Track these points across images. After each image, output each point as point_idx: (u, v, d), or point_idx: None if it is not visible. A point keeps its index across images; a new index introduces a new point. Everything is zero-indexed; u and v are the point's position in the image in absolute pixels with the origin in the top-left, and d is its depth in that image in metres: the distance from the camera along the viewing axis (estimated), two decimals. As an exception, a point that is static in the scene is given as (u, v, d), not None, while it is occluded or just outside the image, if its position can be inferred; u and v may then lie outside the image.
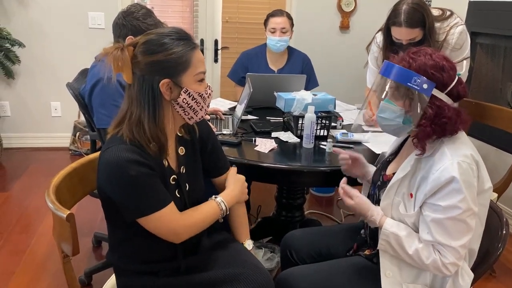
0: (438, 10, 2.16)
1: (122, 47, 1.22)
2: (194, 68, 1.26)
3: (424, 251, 1.29)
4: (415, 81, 1.27)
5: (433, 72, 1.27)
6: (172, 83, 1.24)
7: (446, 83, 1.28)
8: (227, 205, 1.42)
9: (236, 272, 1.35)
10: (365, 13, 4.23)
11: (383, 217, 1.38)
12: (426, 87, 1.27)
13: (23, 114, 3.99)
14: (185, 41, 1.25)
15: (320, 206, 3.16)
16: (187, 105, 1.28)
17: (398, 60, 1.33)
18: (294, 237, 1.71)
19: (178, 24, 4.04)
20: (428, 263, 1.28)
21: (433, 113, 1.28)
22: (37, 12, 3.77)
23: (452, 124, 1.29)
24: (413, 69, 1.28)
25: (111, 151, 1.22)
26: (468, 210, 1.24)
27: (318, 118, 2.05)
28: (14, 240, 2.58)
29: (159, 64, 1.22)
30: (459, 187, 1.23)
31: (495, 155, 3.01)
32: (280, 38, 2.77)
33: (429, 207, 1.29)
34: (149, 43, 1.23)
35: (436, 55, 1.31)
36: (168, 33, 1.25)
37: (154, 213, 1.24)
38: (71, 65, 3.30)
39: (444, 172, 1.25)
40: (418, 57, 1.30)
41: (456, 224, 1.25)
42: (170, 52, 1.22)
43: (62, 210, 1.20)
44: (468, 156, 1.27)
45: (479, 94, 3.27)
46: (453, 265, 1.27)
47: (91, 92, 1.98)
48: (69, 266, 1.30)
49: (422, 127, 1.29)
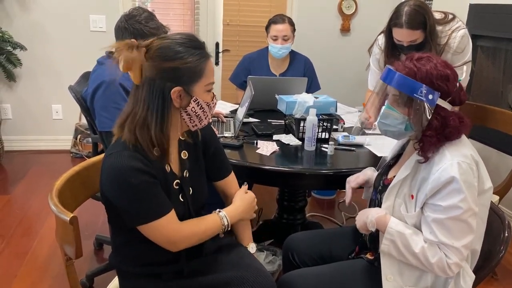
0: (440, 14, 2.17)
1: (135, 45, 1.21)
2: (206, 78, 1.27)
3: (430, 250, 1.28)
4: (421, 92, 1.26)
5: (439, 83, 1.27)
6: (184, 92, 1.24)
7: (449, 92, 1.29)
8: (229, 221, 1.41)
9: (239, 275, 1.35)
10: (366, 15, 4.24)
11: (387, 216, 1.37)
12: (431, 97, 1.27)
13: (25, 116, 4.00)
14: (200, 51, 1.25)
15: (321, 209, 3.16)
16: (195, 114, 1.29)
17: (402, 67, 1.31)
18: (296, 240, 1.71)
19: (179, 27, 4.05)
20: (433, 261, 1.27)
21: (439, 124, 1.28)
22: (39, 15, 3.78)
23: (456, 132, 1.30)
24: (419, 79, 1.27)
25: (114, 157, 1.22)
26: (469, 210, 1.24)
27: (320, 121, 2.05)
28: (15, 243, 2.58)
29: (173, 71, 1.22)
30: (459, 187, 1.23)
31: (496, 157, 3.01)
32: (282, 45, 2.78)
33: (429, 207, 1.29)
34: (165, 49, 1.22)
35: (440, 64, 1.30)
36: (183, 41, 1.24)
37: (153, 222, 1.24)
38: (72, 68, 3.31)
39: (444, 172, 1.25)
40: (423, 66, 1.29)
41: (457, 224, 1.25)
42: (186, 61, 1.22)
43: (65, 213, 1.20)
44: (467, 156, 1.27)
45: (480, 96, 3.27)
46: (456, 266, 1.27)
47: (93, 95, 1.99)
48: (72, 269, 1.31)
49: (427, 137, 1.29)
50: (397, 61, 1.36)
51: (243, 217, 1.49)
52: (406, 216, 1.35)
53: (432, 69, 1.28)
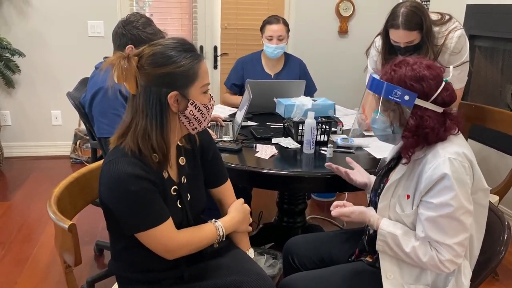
0: (437, 15, 2.17)
1: (127, 57, 1.21)
2: (201, 80, 1.27)
3: (421, 248, 1.30)
4: (396, 93, 1.31)
5: (412, 83, 1.30)
6: (180, 96, 1.24)
7: (427, 93, 1.30)
8: (224, 231, 1.42)
9: (239, 279, 1.35)
10: (364, 17, 4.25)
11: (379, 219, 1.40)
12: (408, 98, 1.30)
13: (24, 123, 4.00)
14: (191, 53, 1.26)
15: (321, 211, 3.16)
16: (193, 117, 1.29)
17: (383, 73, 1.37)
18: (296, 243, 1.71)
19: (177, 31, 4.06)
20: (425, 260, 1.29)
21: (415, 124, 1.31)
22: (37, 21, 3.79)
23: (434, 134, 1.31)
24: (395, 82, 1.32)
25: (113, 164, 1.23)
26: (460, 207, 1.25)
27: (318, 124, 2.05)
28: (16, 250, 2.58)
29: (167, 76, 1.22)
30: (451, 184, 1.24)
31: (496, 157, 3.01)
32: (277, 45, 2.81)
33: (423, 205, 1.31)
34: (157, 55, 1.22)
35: (418, 65, 1.32)
36: (174, 45, 1.25)
37: (150, 229, 1.24)
38: (71, 74, 3.31)
39: (436, 169, 1.27)
40: (400, 68, 1.33)
41: (449, 222, 1.26)
42: (179, 65, 1.22)
43: (64, 220, 1.20)
44: (460, 154, 1.28)
45: (479, 97, 3.27)
46: (450, 262, 1.28)
47: (91, 101, 1.99)
48: (71, 276, 1.30)
49: (405, 138, 1.34)
50: (383, 68, 1.41)
51: (238, 227, 1.49)
52: (403, 215, 1.37)
53: (406, 71, 1.32)
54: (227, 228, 1.43)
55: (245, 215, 1.52)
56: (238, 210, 1.51)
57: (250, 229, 1.55)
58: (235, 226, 1.47)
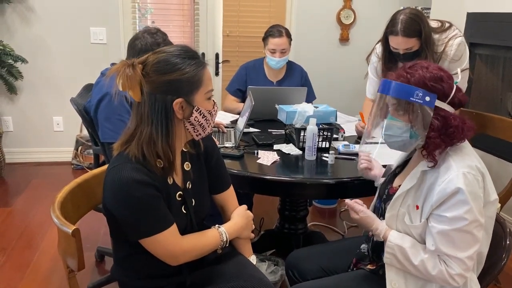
0: (437, 22, 2.19)
1: (131, 64, 1.22)
2: (205, 86, 1.28)
3: (430, 261, 1.29)
4: (417, 95, 1.28)
5: (432, 84, 1.29)
6: (185, 102, 1.25)
7: (447, 93, 1.30)
8: (228, 237, 1.42)
9: (241, 286, 1.35)
10: (365, 25, 4.27)
11: (388, 230, 1.38)
12: (428, 99, 1.28)
13: (26, 129, 4.01)
14: (195, 60, 1.27)
15: (323, 218, 3.16)
16: (198, 123, 1.30)
17: (396, 77, 1.34)
18: (297, 257, 1.70)
19: (179, 38, 4.08)
20: (434, 274, 1.28)
21: (440, 124, 1.29)
22: (40, 28, 3.81)
23: (459, 132, 1.30)
24: (413, 84, 1.30)
25: (117, 170, 1.23)
26: (474, 221, 1.24)
27: (320, 130, 2.06)
28: (17, 255, 2.57)
29: (173, 83, 1.23)
30: (465, 198, 1.23)
31: (497, 165, 3.01)
32: (280, 58, 2.83)
33: (435, 218, 1.29)
34: (161, 63, 1.23)
35: (432, 67, 1.33)
36: (178, 52, 1.26)
37: (155, 235, 1.25)
38: (73, 80, 3.33)
39: (450, 183, 1.25)
40: (415, 71, 1.32)
41: (463, 235, 1.25)
42: (184, 72, 1.23)
43: (67, 225, 1.21)
44: (473, 168, 1.28)
45: (480, 104, 3.28)
46: (460, 277, 1.27)
47: (97, 106, 2.00)
48: (74, 281, 1.31)
49: (431, 139, 1.30)
50: (391, 73, 1.39)
51: (241, 233, 1.49)
52: (411, 227, 1.35)
53: (424, 72, 1.30)
54: (230, 234, 1.43)
55: (248, 221, 1.52)
56: (242, 216, 1.51)
57: (252, 235, 1.55)
58: (238, 232, 1.47)
